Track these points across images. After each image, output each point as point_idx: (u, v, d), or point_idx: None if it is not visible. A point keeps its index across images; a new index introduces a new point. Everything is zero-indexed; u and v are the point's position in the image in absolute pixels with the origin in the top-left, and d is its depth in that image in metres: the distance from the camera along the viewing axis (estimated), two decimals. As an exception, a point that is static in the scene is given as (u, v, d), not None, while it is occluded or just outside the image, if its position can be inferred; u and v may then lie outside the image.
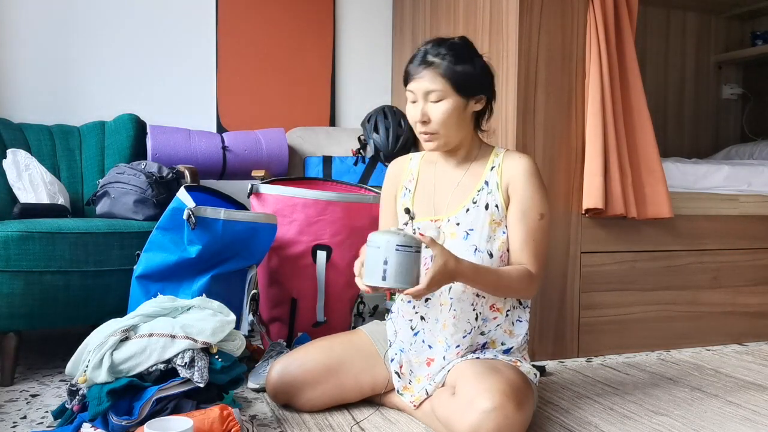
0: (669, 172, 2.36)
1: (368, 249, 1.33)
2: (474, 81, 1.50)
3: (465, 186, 1.57)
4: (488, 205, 1.53)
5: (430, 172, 1.64)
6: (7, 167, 2.24)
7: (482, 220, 1.52)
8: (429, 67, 1.47)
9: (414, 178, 1.65)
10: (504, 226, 1.54)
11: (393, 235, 1.30)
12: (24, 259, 1.80)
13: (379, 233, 1.32)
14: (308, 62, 3.04)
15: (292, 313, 2.08)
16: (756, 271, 2.50)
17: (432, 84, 1.47)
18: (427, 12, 2.77)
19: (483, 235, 1.52)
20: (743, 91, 3.71)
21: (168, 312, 1.54)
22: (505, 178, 1.54)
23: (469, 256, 1.50)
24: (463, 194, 1.56)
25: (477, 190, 1.55)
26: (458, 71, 1.47)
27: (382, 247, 1.29)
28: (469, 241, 1.52)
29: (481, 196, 1.54)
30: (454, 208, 1.56)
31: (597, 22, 2.14)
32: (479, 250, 1.51)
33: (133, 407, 1.38)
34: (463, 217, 1.54)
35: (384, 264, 1.29)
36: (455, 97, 1.48)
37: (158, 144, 2.50)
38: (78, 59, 2.73)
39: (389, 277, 1.30)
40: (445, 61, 1.47)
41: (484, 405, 1.28)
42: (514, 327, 1.59)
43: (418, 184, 1.64)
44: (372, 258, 1.31)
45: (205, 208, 1.78)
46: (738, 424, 1.61)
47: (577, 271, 2.21)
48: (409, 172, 1.67)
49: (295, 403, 1.63)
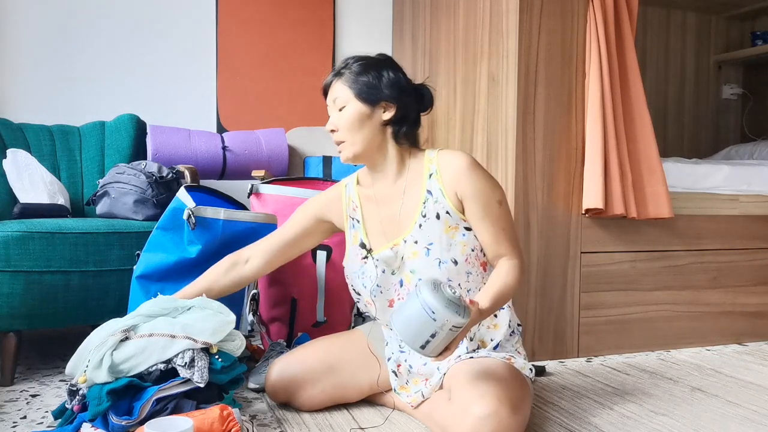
0: (669, 172, 2.36)
1: (417, 306, 1.25)
2: (376, 89, 1.53)
3: (409, 201, 1.55)
4: (439, 215, 1.50)
5: (370, 198, 1.62)
6: (7, 167, 2.24)
7: (438, 231, 1.50)
8: (337, 77, 1.56)
9: (358, 206, 1.64)
10: (462, 229, 1.51)
11: (453, 312, 1.23)
12: (24, 259, 1.80)
13: (437, 298, 1.24)
14: (308, 62, 3.05)
15: (292, 313, 2.08)
16: (756, 271, 2.50)
17: (337, 92, 1.55)
18: (427, 12, 2.77)
19: (442, 245, 1.49)
20: (743, 91, 3.71)
21: (168, 312, 1.54)
22: (447, 184, 1.51)
23: (435, 270, 1.49)
24: (410, 211, 1.54)
25: (422, 203, 1.52)
26: (361, 80, 1.54)
27: (438, 320, 1.23)
28: (432, 255, 1.50)
29: (428, 207, 1.51)
30: (406, 228, 1.54)
31: (597, 22, 2.14)
32: (443, 261, 1.49)
33: (133, 407, 1.38)
34: (418, 233, 1.51)
35: (431, 336, 1.25)
36: (356, 104, 1.53)
37: (158, 144, 2.50)
38: (78, 59, 2.73)
39: (429, 348, 1.27)
40: (350, 71, 1.55)
41: (479, 411, 1.28)
42: (497, 319, 1.56)
43: (364, 213, 1.63)
44: (419, 321, 1.25)
45: (205, 208, 1.78)
46: (738, 424, 1.61)
47: (577, 271, 2.21)
48: (350, 200, 1.66)
49: (295, 401, 1.63)
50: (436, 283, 1.29)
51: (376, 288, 1.55)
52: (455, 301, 1.26)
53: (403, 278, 1.54)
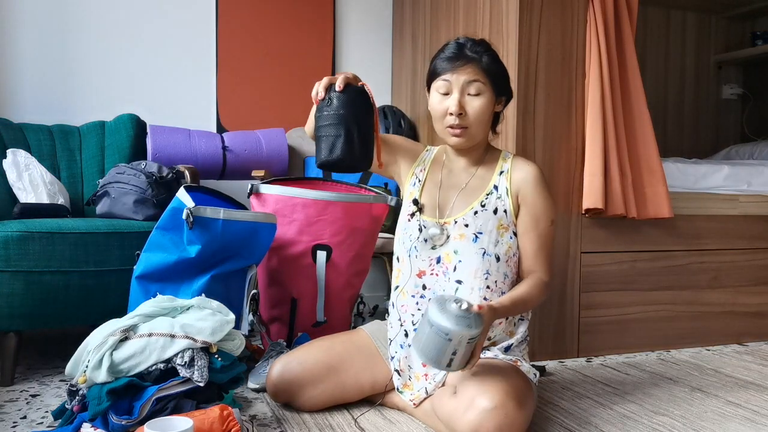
0: (669, 172, 2.36)
1: (430, 331, 1.29)
2: (505, 81, 1.56)
3: (472, 188, 1.58)
4: (497, 210, 1.54)
5: (437, 171, 1.64)
6: (7, 167, 2.24)
7: (491, 224, 1.53)
8: (471, 61, 1.49)
9: (425, 169, 1.66)
10: (511, 232, 1.55)
11: (465, 327, 1.27)
12: (24, 259, 1.80)
13: (445, 317, 1.27)
14: (308, 62, 3.05)
15: (292, 313, 2.08)
16: (756, 271, 2.50)
17: (475, 75, 1.48)
18: (427, 12, 2.77)
19: (491, 239, 1.53)
20: (743, 91, 3.71)
21: (167, 312, 1.54)
22: (514, 185, 1.56)
23: (477, 258, 1.51)
24: (470, 196, 1.57)
25: (486, 194, 1.56)
26: (496, 69, 1.52)
27: (453, 339, 1.27)
28: (478, 244, 1.52)
29: (490, 200, 1.55)
30: (460, 210, 1.56)
31: (597, 22, 2.14)
32: (487, 253, 1.52)
33: (133, 407, 1.38)
34: (471, 219, 1.54)
35: (452, 354, 1.30)
36: (491, 94, 1.51)
37: (158, 144, 2.50)
38: (78, 59, 2.73)
39: (455, 365, 1.32)
40: (486, 57, 1.50)
41: (485, 404, 1.29)
42: (515, 327, 1.59)
43: (427, 179, 1.65)
44: (436, 345, 1.29)
45: (204, 207, 1.78)
46: (738, 424, 1.61)
47: (577, 271, 2.21)
48: (423, 162, 1.68)
49: (296, 402, 1.63)
50: (440, 302, 1.31)
51: (413, 249, 1.57)
52: (464, 315, 1.29)
53: (442, 256, 1.55)
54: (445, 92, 1.51)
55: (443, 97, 1.51)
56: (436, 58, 1.55)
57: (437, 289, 1.55)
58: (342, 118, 1.40)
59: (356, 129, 1.40)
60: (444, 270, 1.55)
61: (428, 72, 1.57)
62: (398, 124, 2.72)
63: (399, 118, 2.75)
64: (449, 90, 1.50)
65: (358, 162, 1.42)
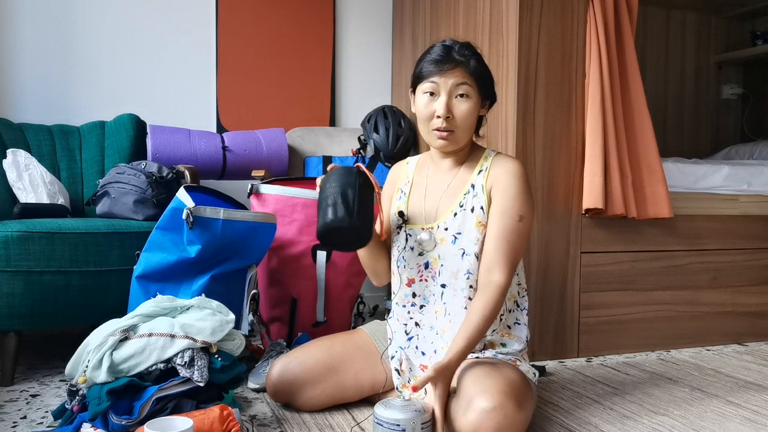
0: (669, 172, 2.36)
1: (381, 429, 1.31)
2: (491, 85, 1.55)
3: (453, 189, 1.57)
4: (474, 208, 1.52)
5: (422, 176, 1.64)
6: (7, 167, 2.24)
7: (469, 223, 1.52)
8: (459, 64, 1.49)
9: (409, 181, 1.66)
10: None
11: (413, 412, 1.30)
12: (24, 259, 1.80)
13: (391, 411, 1.30)
14: (308, 62, 3.05)
15: (292, 313, 2.08)
16: (756, 271, 2.50)
17: (463, 78, 1.48)
18: (427, 12, 2.77)
19: (470, 238, 1.51)
20: (743, 91, 3.71)
21: (167, 312, 1.54)
22: (490, 180, 1.53)
23: (457, 259, 1.51)
24: (452, 198, 1.56)
25: (464, 194, 1.55)
26: (483, 72, 1.51)
27: (407, 428, 1.29)
28: (457, 245, 1.52)
29: (467, 200, 1.54)
30: (443, 213, 1.56)
31: (597, 22, 2.14)
32: (467, 253, 1.51)
33: (133, 407, 1.38)
34: (451, 222, 1.54)
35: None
36: (477, 97, 1.51)
37: (158, 144, 2.50)
38: (78, 59, 2.73)
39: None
40: (473, 60, 1.50)
41: (484, 404, 1.29)
42: (512, 329, 1.58)
43: (412, 188, 1.64)
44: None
45: (204, 207, 1.78)
46: (738, 424, 1.61)
47: (577, 271, 2.21)
48: (406, 176, 1.68)
49: (296, 402, 1.63)
50: (383, 403, 1.35)
51: (401, 260, 1.57)
52: (408, 403, 1.33)
53: (430, 261, 1.55)
54: (432, 93, 1.50)
55: (430, 100, 1.50)
56: (422, 61, 1.54)
57: (427, 294, 1.56)
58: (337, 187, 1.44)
59: (351, 192, 1.42)
60: (433, 275, 1.55)
61: (413, 74, 1.55)
62: (398, 124, 2.72)
63: (399, 118, 2.75)
64: (436, 93, 1.49)
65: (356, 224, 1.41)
